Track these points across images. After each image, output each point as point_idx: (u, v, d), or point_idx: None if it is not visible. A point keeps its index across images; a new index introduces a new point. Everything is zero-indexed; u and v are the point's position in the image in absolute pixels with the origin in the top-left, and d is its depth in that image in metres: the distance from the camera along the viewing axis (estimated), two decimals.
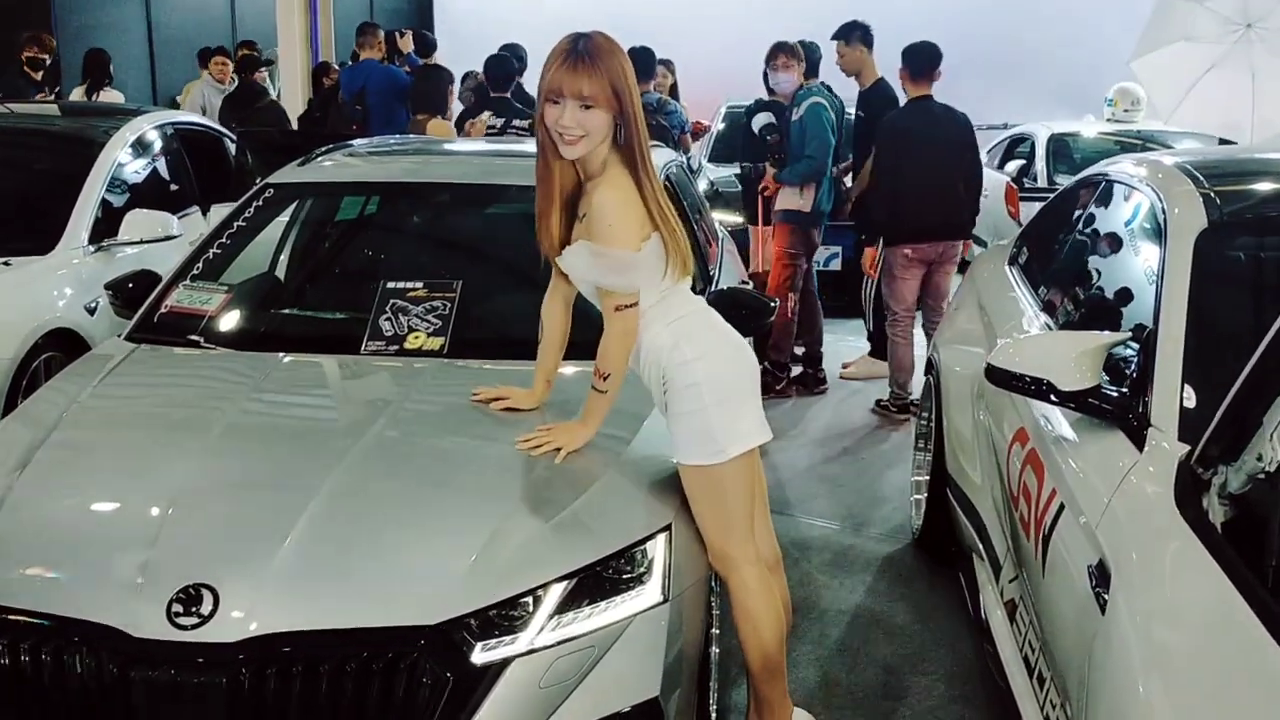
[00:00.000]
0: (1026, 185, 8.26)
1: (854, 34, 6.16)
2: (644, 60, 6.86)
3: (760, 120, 6.02)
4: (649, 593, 2.31)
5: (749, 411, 2.49)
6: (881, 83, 6.23)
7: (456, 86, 7.28)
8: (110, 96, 8.29)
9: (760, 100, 6.42)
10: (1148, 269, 2.71)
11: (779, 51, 6.07)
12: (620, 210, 2.36)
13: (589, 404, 2.54)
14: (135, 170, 5.21)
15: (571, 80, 2.30)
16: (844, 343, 6.99)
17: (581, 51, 2.32)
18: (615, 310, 2.42)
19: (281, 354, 3.10)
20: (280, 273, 3.83)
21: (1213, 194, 2.76)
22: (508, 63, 6.79)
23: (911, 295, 5.76)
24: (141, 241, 4.66)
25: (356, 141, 4.60)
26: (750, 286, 4.65)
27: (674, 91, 8.46)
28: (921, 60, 5.62)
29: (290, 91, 9.94)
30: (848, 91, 6.36)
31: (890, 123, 5.71)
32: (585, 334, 2.73)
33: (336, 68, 9.01)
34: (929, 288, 5.79)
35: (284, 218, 3.84)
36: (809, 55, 6.67)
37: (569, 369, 2.84)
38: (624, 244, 2.36)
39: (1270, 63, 6.14)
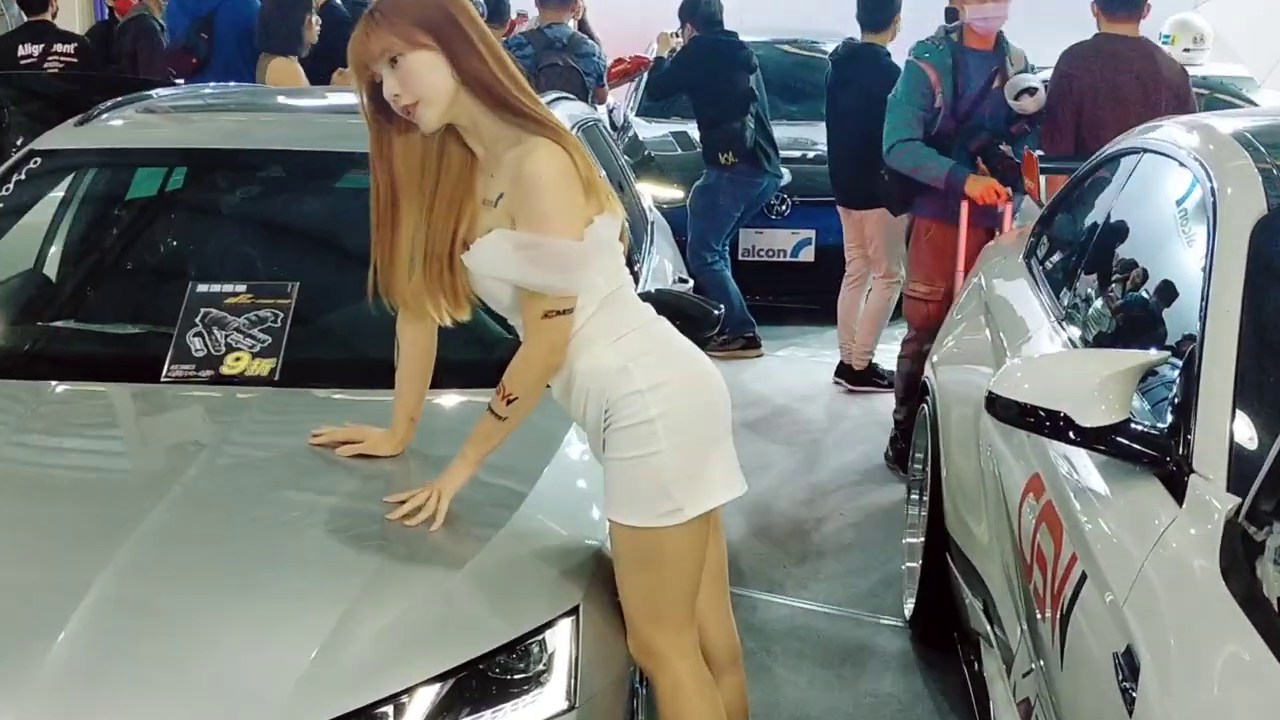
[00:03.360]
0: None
1: None
2: None
3: (1026, 81, 5.43)
4: (550, 697, 2.38)
5: (718, 459, 2.54)
6: None
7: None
8: None
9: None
10: (1193, 268, 2.84)
11: None
12: (560, 188, 2.41)
13: (478, 430, 2.56)
14: None
15: (363, 46, 2.43)
16: (821, 362, 7.17)
17: (366, 16, 2.45)
18: (544, 317, 2.46)
19: (53, 382, 3.12)
20: (51, 271, 3.85)
21: (1276, 170, 2.91)
22: None
23: None
24: None
25: (156, 91, 4.60)
26: (691, 286, 4.75)
27: (583, 26, 8.54)
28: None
29: (66, 13, 9.88)
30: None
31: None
32: (471, 353, 2.79)
33: None
34: None
35: (56, 196, 3.86)
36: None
37: (451, 398, 2.89)
38: (566, 231, 2.41)
39: None
